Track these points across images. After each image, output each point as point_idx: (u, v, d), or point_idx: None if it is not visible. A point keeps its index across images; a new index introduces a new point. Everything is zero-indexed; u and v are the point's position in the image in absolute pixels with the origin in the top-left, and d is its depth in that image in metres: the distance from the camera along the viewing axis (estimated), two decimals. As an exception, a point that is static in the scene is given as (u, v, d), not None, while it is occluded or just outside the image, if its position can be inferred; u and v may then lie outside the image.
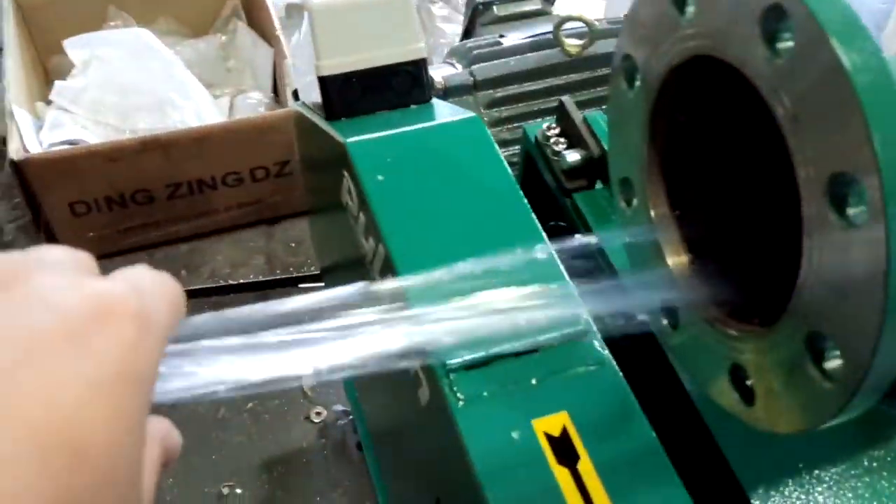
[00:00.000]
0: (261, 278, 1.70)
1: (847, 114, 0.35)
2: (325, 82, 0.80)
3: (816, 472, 0.57)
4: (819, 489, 0.56)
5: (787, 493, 0.55)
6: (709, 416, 0.59)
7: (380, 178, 0.68)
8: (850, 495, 0.56)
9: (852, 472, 0.56)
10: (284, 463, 1.44)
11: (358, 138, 0.71)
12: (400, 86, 0.81)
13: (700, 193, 0.51)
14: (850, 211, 0.36)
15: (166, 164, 1.61)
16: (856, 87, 0.34)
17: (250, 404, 1.54)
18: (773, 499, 0.55)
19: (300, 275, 1.70)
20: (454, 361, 0.58)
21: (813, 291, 0.39)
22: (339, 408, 1.52)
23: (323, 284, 1.60)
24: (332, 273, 1.09)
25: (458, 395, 0.57)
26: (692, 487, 0.55)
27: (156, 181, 1.64)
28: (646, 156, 0.52)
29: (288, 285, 1.70)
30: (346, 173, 0.73)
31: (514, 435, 0.56)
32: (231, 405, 1.53)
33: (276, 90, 1.88)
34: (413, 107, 0.81)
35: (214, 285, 1.69)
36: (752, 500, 0.55)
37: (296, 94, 1.59)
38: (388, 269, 0.65)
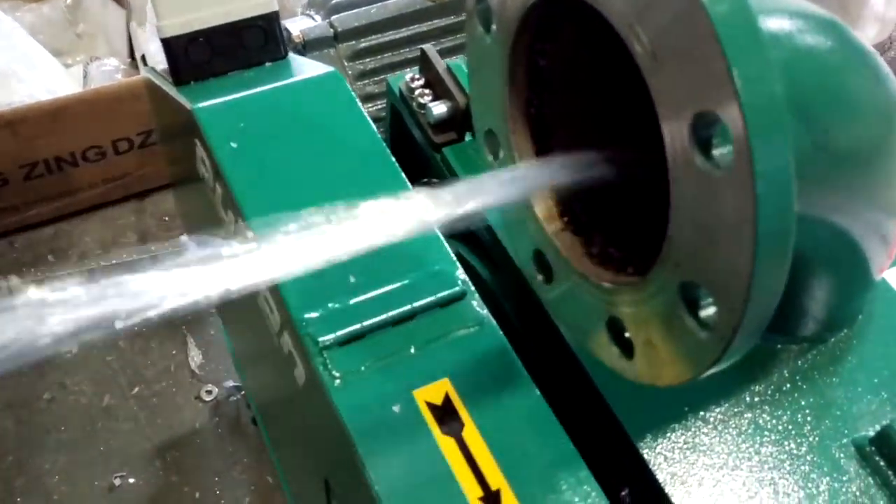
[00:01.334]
0: (135, 257, 1.61)
1: (705, 48, 0.32)
2: (169, 44, 0.73)
3: (701, 413, 0.56)
4: (704, 430, 0.56)
5: (672, 437, 0.55)
6: (592, 367, 0.57)
7: (233, 145, 0.63)
8: (734, 433, 0.56)
9: (735, 409, 0.56)
10: (177, 446, 1.38)
11: (206, 103, 0.66)
12: (252, 43, 0.75)
13: (568, 141, 0.49)
14: (716, 152, 0.34)
15: (17, 143, 1.49)
16: (712, 17, 0.32)
17: (136, 389, 1.47)
18: (659, 444, 0.54)
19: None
20: (326, 338, 0.55)
21: (683, 239, 0.38)
22: (231, 383, 1.47)
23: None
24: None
25: (334, 373, 0.54)
26: (580, 442, 0.53)
27: (7, 162, 1.52)
28: (508, 104, 0.48)
29: (165, 261, 1.62)
30: (197, 142, 0.67)
31: (395, 409, 0.53)
32: (116, 392, 1.46)
33: (133, 55, 1.76)
34: (268, 64, 0.76)
35: (86, 269, 1.59)
36: (639, 449, 0.54)
37: (144, 59, 1.50)
38: (250, 244, 0.60)
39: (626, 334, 0.45)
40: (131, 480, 1.34)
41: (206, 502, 1.32)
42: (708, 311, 0.38)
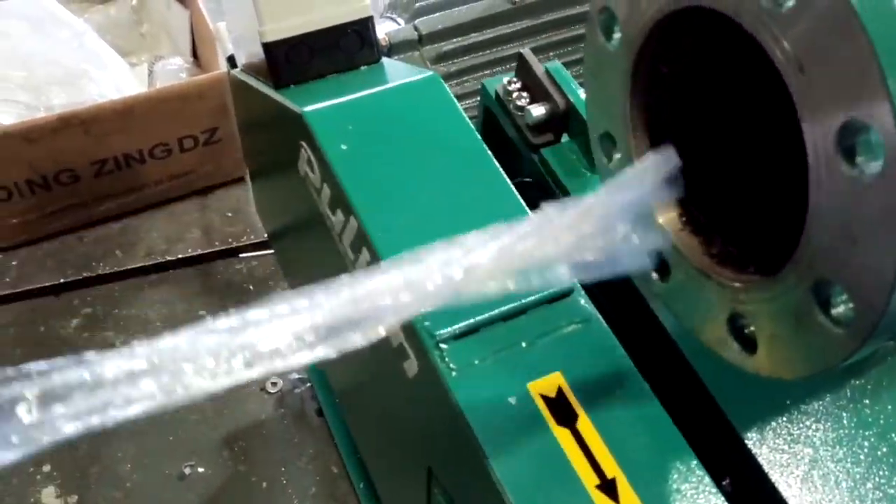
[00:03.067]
0: (199, 251, 1.65)
1: (857, 57, 0.34)
2: (270, 48, 0.76)
3: (803, 406, 0.58)
4: (807, 422, 0.57)
5: (776, 429, 0.57)
6: (695, 360, 0.59)
7: (343, 147, 0.66)
8: (835, 425, 0.57)
9: (837, 403, 0.58)
10: (244, 437, 1.42)
11: (315, 107, 0.68)
12: (348, 47, 0.78)
13: (687, 145, 0.51)
14: (861, 158, 0.36)
15: (89, 141, 1.54)
16: (866, 27, 0.34)
17: (202, 380, 1.50)
18: (766, 437, 0.56)
19: (240, 245, 1.65)
20: (443, 332, 0.57)
21: (820, 239, 0.39)
22: (295, 376, 1.50)
23: (270, 252, 1.56)
24: (282, 239, 1.05)
25: (451, 365, 0.56)
26: (688, 433, 0.55)
27: (79, 159, 1.56)
28: (628, 109, 0.51)
29: (228, 256, 1.65)
30: (304, 144, 0.70)
31: (511, 400, 0.55)
32: (183, 383, 1.50)
33: (195, 54, 1.80)
34: (363, 68, 0.78)
35: (152, 263, 1.63)
36: (745, 441, 0.56)
37: (232, 61, 1.53)
38: (362, 242, 0.62)
39: (747, 329, 0.47)
40: (200, 470, 1.37)
41: (273, 491, 1.35)
42: (840, 309, 0.40)
